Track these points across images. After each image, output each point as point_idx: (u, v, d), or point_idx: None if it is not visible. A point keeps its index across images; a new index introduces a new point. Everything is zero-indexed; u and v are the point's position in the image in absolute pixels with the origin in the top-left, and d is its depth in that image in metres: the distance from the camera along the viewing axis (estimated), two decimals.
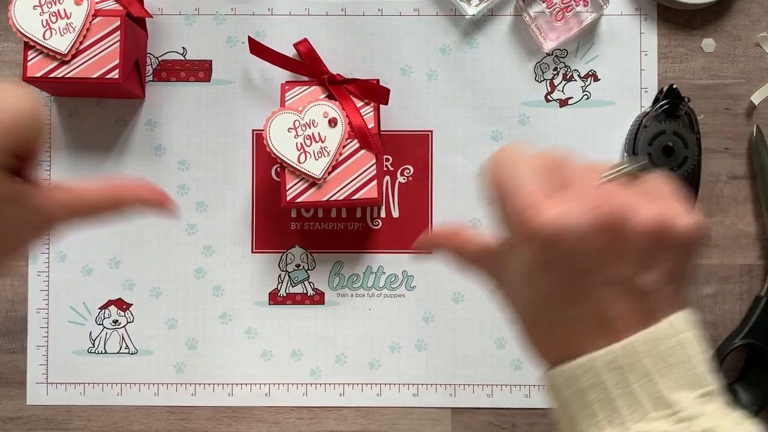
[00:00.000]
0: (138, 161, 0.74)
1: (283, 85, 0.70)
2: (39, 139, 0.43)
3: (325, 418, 0.74)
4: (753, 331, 0.71)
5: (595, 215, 0.37)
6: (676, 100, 0.71)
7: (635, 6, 0.74)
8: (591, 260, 0.38)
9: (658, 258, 0.39)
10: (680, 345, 0.38)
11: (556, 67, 0.74)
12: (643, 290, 0.39)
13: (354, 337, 0.74)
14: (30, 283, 0.74)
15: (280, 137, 0.68)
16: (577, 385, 0.39)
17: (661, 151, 0.71)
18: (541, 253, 0.38)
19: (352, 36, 0.75)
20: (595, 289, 0.38)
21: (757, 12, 0.75)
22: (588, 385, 0.38)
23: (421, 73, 0.74)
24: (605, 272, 0.38)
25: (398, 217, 0.75)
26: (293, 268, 0.74)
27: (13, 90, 0.41)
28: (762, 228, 0.74)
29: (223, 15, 0.75)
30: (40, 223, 0.44)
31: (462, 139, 0.74)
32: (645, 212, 0.38)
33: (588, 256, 0.38)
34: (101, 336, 0.74)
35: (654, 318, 0.39)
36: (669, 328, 0.39)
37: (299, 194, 0.68)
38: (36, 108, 0.41)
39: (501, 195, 0.40)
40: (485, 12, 0.74)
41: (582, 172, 0.40)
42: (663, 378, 0.38)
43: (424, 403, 0.74)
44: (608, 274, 0.38)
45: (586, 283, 0.38)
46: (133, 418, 0.74)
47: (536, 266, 0.39)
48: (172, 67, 0.75)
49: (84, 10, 0.67)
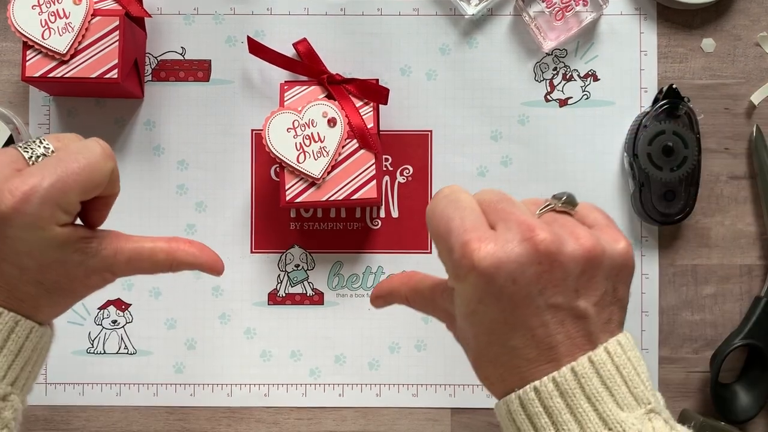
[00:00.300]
0: (137, 161, 0.74)
1: (282, 84, 0.70)
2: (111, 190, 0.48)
3: (324, 419, 0.74)
4: (753, 331, 0.71)
5: (530, 245, 0.39)
6: (676, 100, 0.71)
7: (635, 6, 0.74)
8: (529, 288, 0.39)
9: (594, 283, 0.41)
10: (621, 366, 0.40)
11: (556, 67, 0.74)
12: (582, 315, 0.40)
13: (353, 337, 0.74)
14: None
15: (280, 137, 0.68)
16: (526, 412, 0.40)
17: (661, 151, 0.71)
18: (481, 285, 0.40)
19: (351, 36, 0.74)
20: (534, 316, 0.40)
21: (757, 12, 0.75)
22: (536, 412, 0.40)
23: (420, 73, 0.74)
24: (543, 299, 0.40)
25: (398, 217, 0.75)
26: (292, 268, 0.74)
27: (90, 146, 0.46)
28: (762, 228, 0.74)
29: (222, 15, 0.75)
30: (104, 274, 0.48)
31: (461, 139, 0.74)
32: (579, 239, 0.40)
33: (526, 284, 0.39)
34: (100, 336, 0.74)
35: (593, 342, 0.40)
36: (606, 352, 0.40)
37: (298, 194, 0.68)
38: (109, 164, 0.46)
39: (441, 234, 0.42)
40: (485, 12, 0.74)
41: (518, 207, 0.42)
42: (607, 400, 0.39)
43: (424, 403, 0.74)
44: (546, 300, 0.40)
45: (526, 312, 0.40)
46: (132, 419, 0.74)
47: (478, 298, 0.40)
48: (171, 67, 0.75)
49: (83, 10, 0.67)
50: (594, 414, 0.39)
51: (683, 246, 0.74)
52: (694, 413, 0.71)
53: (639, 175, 0.71)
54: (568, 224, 0.42)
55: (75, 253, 0.46)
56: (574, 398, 0.39)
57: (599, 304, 0.41)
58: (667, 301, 0.74)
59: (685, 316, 0.74)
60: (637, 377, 0.40)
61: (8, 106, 0.74)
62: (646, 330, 0.74)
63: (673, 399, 0.74)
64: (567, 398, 0.39)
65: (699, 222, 0.74)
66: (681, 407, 0.73)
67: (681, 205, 0.71)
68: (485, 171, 0.74)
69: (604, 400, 0.39)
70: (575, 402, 0.39)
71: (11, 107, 0.74)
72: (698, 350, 0.74)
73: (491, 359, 0.42)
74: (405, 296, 0.51)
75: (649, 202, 0.71)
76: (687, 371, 0.74)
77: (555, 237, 0.40)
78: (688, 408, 0.73)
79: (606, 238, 0.42)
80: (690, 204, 0.71)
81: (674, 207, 0.71)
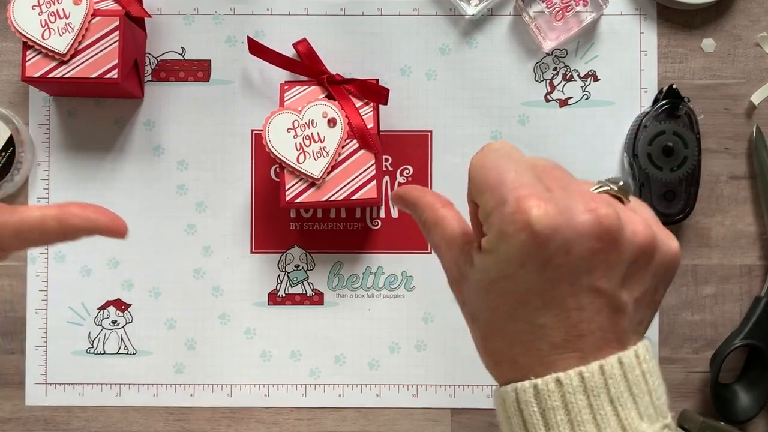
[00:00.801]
0: (137, 161, 0.74)
1: (282, 85, 0.70)
2: None
3: (324, 419, 0.74)
4: (753, 331, 0.71)
5: (594, 217, 0.36)
6: (676, 100, 0.71)
7: (635, 6, 0.74)
8: (580, 263, 0.36)
9: (641, 276, 0.38)
10: (645, 375, 0.38)
11: (556, 67, 0.74)
12: (620, 307, 0.37)
13: (353, 337, 0.74)
14: (29, 283, 0.74)
15: (280, 137, 0.68)
16: (540, 404, 0.37)
17: (661, 151, 0.71)
18: (530, 247, 0.36)
19: (351, 36, 0.74)
20: (574, 296, 0.37)
21: (757, 12, 0.75)
22: (553, 406, 0.36)
23: (420, 73, 0.74)
24: (589, 279, 0.36)
25: (397, 218, 0.75)
26: (292, 269, 0.74)
27: None
28: (762, 228, 0.74)
29: (222, 15, 0.75)
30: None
31: (461, 139, 0.74)
32: (637, 225, 0.38)
33: (578, 258, 0.36)
34: (100, 336, 0.74)
35: (622, 342, 0.38)
36: (636, 356, 0.38)
37: (298, 194, 0.68)
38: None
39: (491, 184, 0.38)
40: (485, 12, 0.74)
41: (576, 179, 0.40)
42: (629, 406, 0.37)
43: (424, 403, 0.74)
44: (592, 282, 0.37)
45: (568, 289, 0.37)
46: (132, 419, 0.74)
47: (521, 262, 0.36)
48: (171, 67, 0.75)
49: (83, 10, 0.67)
50: (615, 419, 0.36)
51: (683, 246, 0.74)
52: (694, 413, 0.71)
53: (639, 175, 0.71)
54: (625, 210, 0.38)
55: None
56: (598, 398, 0.36)
57: (639, 301, 0.38)
58: (667, 301, 0.74)
59: (685, 316, 0.74)
60: (660, 388, 0.38)
61: (8, 106, 0.74)
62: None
63: (673, 399, 0.73)
64: (591, 397, 0.36)
65: (699, 222, 0.74)
66: (681, 407, 0.73)
67: (681, 205, 0.71)
68: None
69: (627, 406, 0.36)
70: (598, 403, 0.36)
71: (11, 107, 0.74)
72: (698, 350, 0.74)
73: (509, 336, 0.38)
74: (425, 221, 0.45)
75: (649, 202, 0.71)
76: (687, 371, 0.74)
77: (619, 217, 0.36)
78: (688, 408, 0.73)
79: (661, 234, 0.39)
80: (690, 204, 0.71)
81: (674, 207, 0.71)
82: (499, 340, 0.39)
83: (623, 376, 0.37)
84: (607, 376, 0.36)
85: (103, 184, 0.74)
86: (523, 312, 0.37)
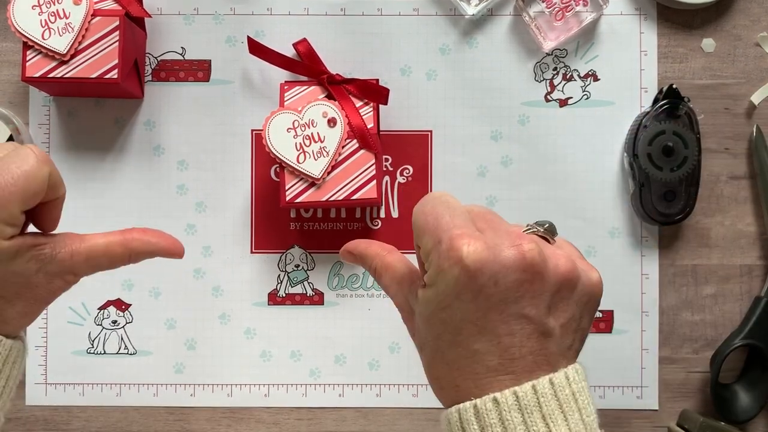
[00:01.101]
0: (137, 161, 0.74)
1: (282, 85, 0.70)
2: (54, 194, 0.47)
3: (324, 419, 0.74)
4: (753, 331, 0.71)
5: (518, 252, 0.41)
6: (676, 100, 0.71)
7: (635, 6, 0.74)
8: (507, 293, 0.40)
9: (565, 304, 0.42)
10: (575, 394, 0.41)
11: (556, 67, 0.74)
12: (548, 332, 0.41)
13: (353, 337, 0.74)
14: None
15: (280, 137, 0.68)
16: (480, 422, 0.41)
17: (661, 151, 0.71)
18: (463, 280, 0.40)
19: (351, 36, 0.74)
20: (504, 323, 0.41)
21: (757, 12, 0.75)
22: (490, 423, 0.40)
23: (420, 73, 0.74)
24: (517, 307, 0.41)
25: (398, 218, 0.75)
26: (292, 269, 0.74)
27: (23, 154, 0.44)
28: (762, 228, 0.74)
29: (222, 15, 0.75)
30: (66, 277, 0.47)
31: (461, 139, 0.74)
32: (560, 259, 0.42)
33: (506, 288, 0.40)
34: (100, 336, 0.74)
35: (552, 364, 0.41)
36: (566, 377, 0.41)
37: (298, 194, 0.68)
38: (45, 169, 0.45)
39: (429, 227, 0.42)
40: (485, 12, 0.74)
41: (505, 221, 0.44)
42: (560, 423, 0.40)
43: (424, 403, 0.74)
44: (520, 310, 0.41)
45: (499, 317, 0.41)
46: (132, 419, 0.74)
47: (456, 293, 0.41)
48: (171, 67, 0.75)
49: (83, 10, 0.67)
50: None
51: (683, 246, 0.74)
52: (694, 413, 0.71)
53: (639, 175, 0.71)
54: (549, 247, 0.43)
55: (29, 262, 0.45)
56: (532, 416, 0.40)
57: (565, 327, 0.42)
58: (667, 302, 0.74)
59: (685, 317, 0.74)
60: (590, 407, 0.42)
61: (8, 106, 0.74)
62: (646, 330, 0.74)
63: (673, 399, 0.74)
64: (525, 414, 0.40)
65: (699, 222, 0.74)
66: (681, 407, 0.73)
67: (681, 205, 0.71)
68: (485, 171, 0.74)
69: (558, 423, 0.40)
70: (532, 419, 0.40)
71: (11, 107, 0.74)
72: (698, 350, 0.74)
73: (449, 361, 0.42)
74: (375, 268, 0.50)
75: (649, 202, 0.71)
76: (687, 371, 0.74)
77: (542, 251, 0.41)
78: (688, 408, 0.73)
79: (582, 266, 0.43)
80: (690, 204, 0.71)
81: (674, 207, 0.71)
82: (442, 366, 0.43)
83: (554, 395, 0.40)
84: (540, 395, 0.40)
85: (103, 184, 0.74)
86: (460, 339, 0.42)
